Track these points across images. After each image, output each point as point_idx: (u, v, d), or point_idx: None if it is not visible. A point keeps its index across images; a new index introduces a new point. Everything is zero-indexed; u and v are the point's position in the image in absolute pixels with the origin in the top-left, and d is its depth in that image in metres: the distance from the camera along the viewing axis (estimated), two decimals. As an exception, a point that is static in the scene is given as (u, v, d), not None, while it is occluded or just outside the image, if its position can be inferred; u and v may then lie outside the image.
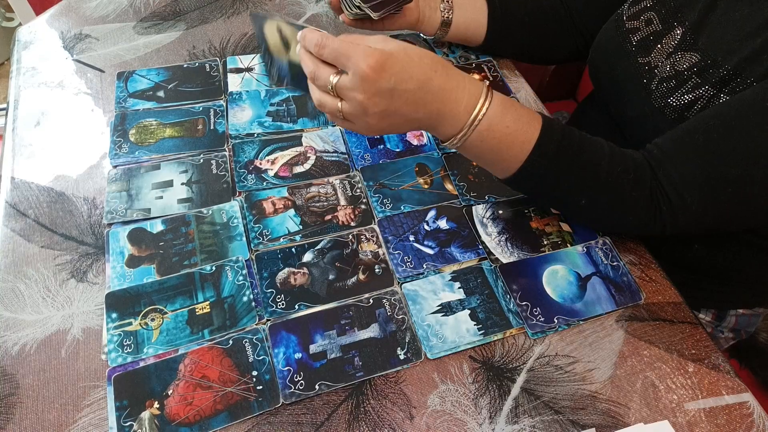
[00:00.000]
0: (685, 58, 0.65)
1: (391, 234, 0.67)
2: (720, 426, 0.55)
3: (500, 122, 0.56)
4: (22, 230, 0.65)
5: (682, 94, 0.64)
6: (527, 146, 0.57)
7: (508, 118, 0.57)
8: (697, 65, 0.63)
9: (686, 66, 0.64)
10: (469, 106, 0.56)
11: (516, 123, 0.57)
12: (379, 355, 0.58)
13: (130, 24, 0.90)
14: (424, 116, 0.55)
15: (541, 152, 0.57)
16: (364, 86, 0.51)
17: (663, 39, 0.68)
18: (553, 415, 0.55)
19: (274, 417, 0.54)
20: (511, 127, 0.57)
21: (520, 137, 0.57)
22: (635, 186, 0.59)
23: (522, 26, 0.85)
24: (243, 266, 0.63)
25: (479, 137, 0.56)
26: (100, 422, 0.52)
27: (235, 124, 0.76)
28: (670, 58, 0.66)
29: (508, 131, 0.57)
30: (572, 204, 0.63)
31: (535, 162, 0.58)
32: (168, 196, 0.69)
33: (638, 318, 0.62)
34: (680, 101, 0.64)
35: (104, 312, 0.59)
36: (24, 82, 0.81)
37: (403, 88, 0.52)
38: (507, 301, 0.62)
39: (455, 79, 0.55)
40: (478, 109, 0.55)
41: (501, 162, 0.59)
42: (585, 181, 0.59)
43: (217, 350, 0.57)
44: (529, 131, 0.57)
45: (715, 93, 0.61)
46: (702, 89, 0.62)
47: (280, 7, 0.95)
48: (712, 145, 0.57)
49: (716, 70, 0.61)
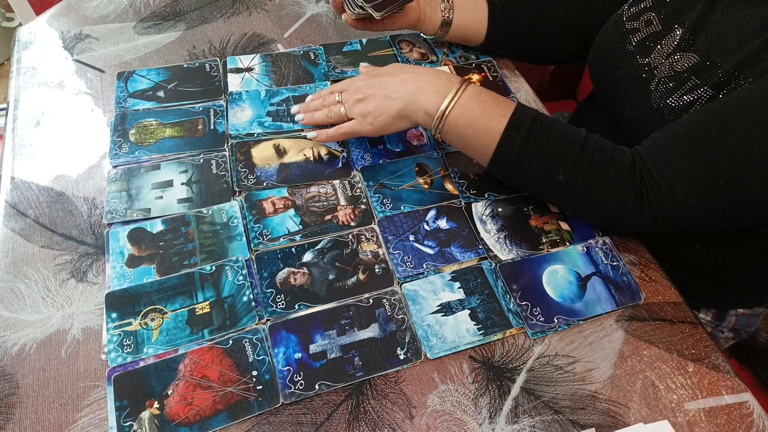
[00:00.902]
0: (684, 59, 0.65)
1: (391, 234, 0.67)
2: (720, 426, 0.55)
3: (474, 105, 0.63)
4: (22, 230, 0.65)
5: (680, 95, 0.64)
6: (502, 121, 0.62)
7: (480, 101, 0.64)
8: (696, 66, 0.63)
9: (685, 67, 0.64)
10: (443, 92, 0.64)
11: (488, 105, 0.63)
12: (379, 355, 0.58)
13: (130, 24, 0.90)
14: (403, 94, 0.66)
15: (514, 125, 0.62)
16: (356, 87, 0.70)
17: (663, 40, 0.68)
18: (553, 415, 0.55)
19: (274, 417, 0.54)
20: (483, 108, 0.63)
21: (493, 116, 0.63)
22: (612, 164, 0.60)
23: (522, 26, 0.85)
24: (243, 266, 0.63)
25: (454, 120, 0.64)
26: (100, 422, 0.52)
27: (235, 124, 0.76)
28: (669, 59, 0.66)
29: (482, 111, 0.63)
30: (551, 180, 0.62)
31: (510, 135, 0.62)
32: (168, 196, 0.69)
33: (638, 318, 0.62)
34: (679, 102, 0.64)
35: (104, 312, 0.59)
36: (24, 82, 0.81)
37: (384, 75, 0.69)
38: (507, 301, 0.62)
39: (433, 73, 0.67)
40: (451, 95, 0.64)
41: (479, 143, 0.64)
42: (561, 154, 0.61)
43: (217, 350, 0.57)
44: (503, 110, 0.63)
45: (713, 94, 0.61)
46: (700, 90, 0.62)
47: (280, 7, 0.95)
48: (706, 139, 0.57)
49: (715, 71, 0.61)
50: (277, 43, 0.89)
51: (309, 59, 0.87)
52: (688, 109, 0.63)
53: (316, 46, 0.89)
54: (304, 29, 0.92)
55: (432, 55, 0.89)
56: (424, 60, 0.88)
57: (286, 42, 0.90)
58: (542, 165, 0.62)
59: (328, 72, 0.85)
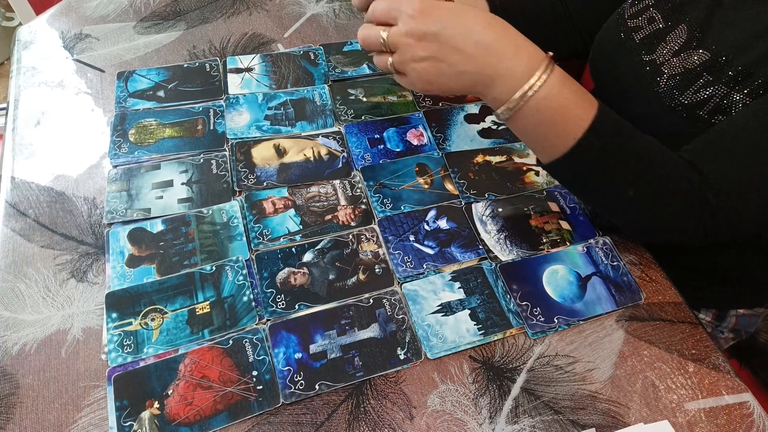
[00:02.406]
0: (694, 56, 0.64)
1: (391, 234, 0.67)
2: (720, 426, 0.55)
3: (559, 93, 0.53)
4: (22, 230, 0.65)
5: (693, 92, 0.63)
6: (584, 123, 0.54)
7: (567, 90, 0.54)
8: (707, 63, 0.63)
9: (696, 64, 0.64)
10: (528, 71, 0.53)
11: (574, 95, 0.54)
12: (379, 355, 0.58)
13: (130, 24, 0.90)
14: (475, 70, 0.53)
15: (596, 131, 0.54)
16: (411, 28, 0.53)
17: (667, 36, 0.68)
18: (553, 415, 0.55)
19: (274, 417, 0.54)
20: (569, 99, 0.54)
21: (577, 111, 0.54)
22: (680, 180, 0.57)
23: (523, 27, 0.85)
24: (243, 266, 0.63)
25: (536, 106, 0.53)
26: (100, 422, 0.52)
27: (233, 128, 0.76)
28: (678, 56, 0.66)
29: (566, 103, 0.53)
30: (619, 194, 0.58)
31: (590, 140, 0.54)
32: (168, 196, 0.69)
33: (638, 318, 0.62)
34: (692, 99, 0.63)
35: (104, 312, 0.59)
36: (24, 81, 0.81)
37: (449, 33, 0.52)
38: (507, 301, 0.62)
39: (513, 41, 0.54)
40: (538, 75, 0.53)
41: (553, 138, 0.56)
42: (636, 167, 0.56)
43: (217, 350, 0.57)
44: (586, 107, 0.54)
45: (727, 91, 0.61)
46: (714, 87, 0.62)
47: (281, 7, 0.95)
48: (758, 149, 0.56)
49: (727, 68, 0.61)
50: (277, 43, 0.89)
51: (309, 59, 0.87)
52: (702, 107, 0.63)
53: (316, 46, 0.89)
54: (304, 29, 0.92)
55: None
56: None
57: (286, 42, 0.90)
58: (613, 179, 0.57)
59: (328, 72, 0.85)
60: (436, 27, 0.53)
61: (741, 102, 0.60)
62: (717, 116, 0.62)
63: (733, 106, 0.61)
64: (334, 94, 0.82)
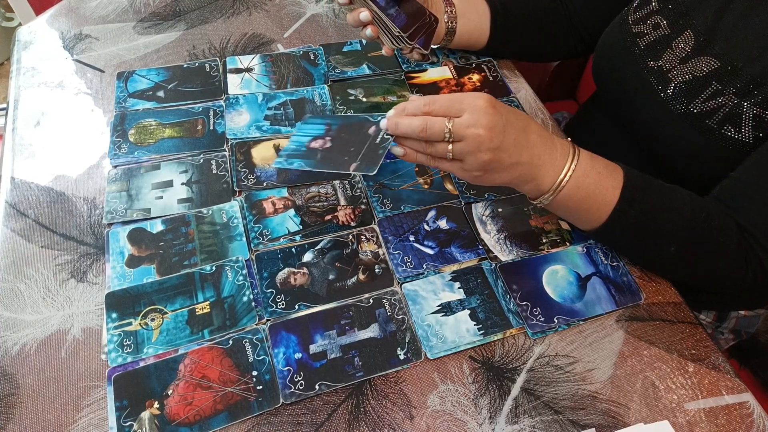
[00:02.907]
0: (702, 63, 0.64)
1: (391, 234, 0.67)
2: (720, 426, 0.55)
3: (590, 172, 0.58)
4: (22, 230, 0.65)
5: (702, 102, 0.63)
6: (615, 192, 0.58)
7: (597, 168, 0.59)
8: (717, 71, 0.62)
9: (705, 72, 0.63)
10: (564, 154, 0.58)
11: (605, 170, 0.59)
12: (379, 355, 0.58)
13: (130, 24, 0.90)
14: (528, 161, 0.56)
15: (627, 199, 0.58)
16: (483, 119, 0.53)
17: (673, 43, 0.67)
18: (553, 415, 0.55)
19: (274, 417, 0.54)
20: (602, 174, 0.58)
21: (608, 184, 0.58)
22: (721, 232, 0.59)
23: (523, 29, 0.85)
24: (243, 266, 0.63)
25: (576, 183, 0.58)
26: (100, 422, 0.52)
27: (233, 129, 0.76)
28: (685, 63, 0.65)
29: (599, 178, 0.58)
30: (662, 251, 0.62)
31: (623, 211, 0.59)
32: (168, 196, 0.69)
33: (638, 318, 0.62)
34: (701, 108, 0.63)
35: (104, 312, 0.59)
36: (24, 82, 0.81)
37: (513, 125, 0.55)
38: (507, 301, 0.62)
39: (547, 132, 0.59)
40: (572, 157, 0.58)
41: (591, 212, 0.60)
42: (672, 224, 0.59)
43: (217, 350, 0.57)
44: (616, 177, 0.59)
45: (738, 101, 0.61)
46: (723, 97, 0.62)
47: (280, 7, 0.95)
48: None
49: (737, 77, 0.61)
50: (277, 43, 0.89)
51: (309, 59, 0.87)
52: (711, 116, 0.63)
53: (316, 47, 0.89)
54: (304, 29, 0.92)
55: (432, 56, 0.89)
56: (424, 61, 0.88)
57: (286, 42, 0.90)
58: (654, 239, 0.61)
59: (328, 72, 0.85)
60: (503, 119, 0.55)
61: (751, 112, 0.60)
62: (726, 126, 0.62)
63: (743, 117, 0.61)
64: (333, 94, 0.82)
